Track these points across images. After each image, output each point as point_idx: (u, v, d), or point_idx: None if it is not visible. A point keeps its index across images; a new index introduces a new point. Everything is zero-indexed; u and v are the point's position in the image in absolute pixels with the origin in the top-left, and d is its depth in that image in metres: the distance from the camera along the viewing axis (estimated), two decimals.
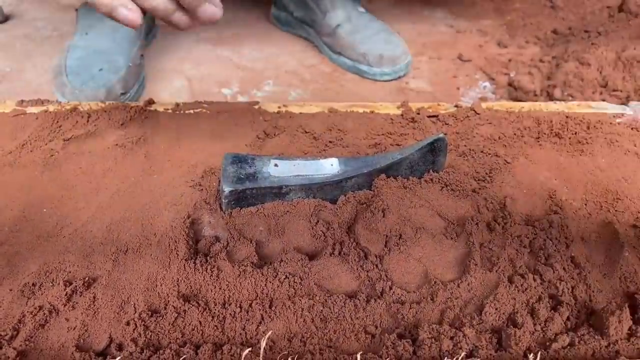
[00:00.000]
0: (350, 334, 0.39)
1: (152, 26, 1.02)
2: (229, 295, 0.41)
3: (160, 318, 0.39)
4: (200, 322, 0.39)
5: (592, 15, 1.01)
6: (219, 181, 0.48)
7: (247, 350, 0.37)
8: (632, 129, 0.64)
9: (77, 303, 0.40)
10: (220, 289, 0.41)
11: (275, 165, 0.49)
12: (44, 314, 0.39)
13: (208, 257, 0.43)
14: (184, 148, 0.58)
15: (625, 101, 0.80)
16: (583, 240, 0.47)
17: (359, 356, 0.36)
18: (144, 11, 0.46)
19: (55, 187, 0.52)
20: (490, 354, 0.37)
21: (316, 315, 0.40)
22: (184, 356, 0.35)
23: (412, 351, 0.38)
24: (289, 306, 0.40)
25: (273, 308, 0.40)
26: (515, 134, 0.61)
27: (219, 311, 0.40)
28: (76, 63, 0.82)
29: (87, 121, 0.61)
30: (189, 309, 0.39)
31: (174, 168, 0.55)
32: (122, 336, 0.38)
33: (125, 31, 0.88)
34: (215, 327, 0.39)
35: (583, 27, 0.98)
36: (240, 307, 0.40)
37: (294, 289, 0.42)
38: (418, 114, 0.63)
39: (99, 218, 0.48)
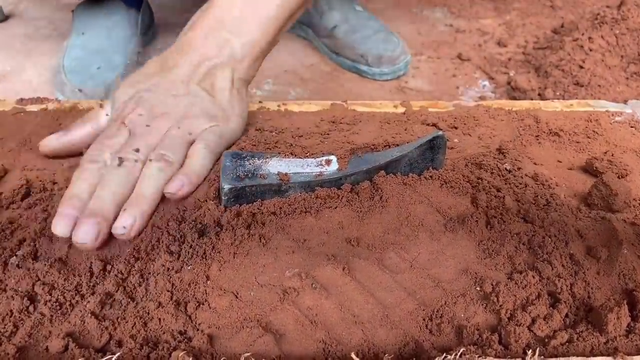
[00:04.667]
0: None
1: (150, 24, 1.02)
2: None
3: (160, 314, 0.39)
4: (199, 317, 0.39)
5: (591, 15, 1.01)
6: (219, 178, 0.48)
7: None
8: (630, 127, 0.64)
9: (77, 300, 0.40)
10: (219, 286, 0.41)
11: (275, 162, 0.49)
12: (44, 311, 0.39)
13: (208, 254, 0.44)
14: None
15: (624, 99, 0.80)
16: (582, 237, 0.47)
17: (353, 355, 0.36)
18: None
19: (55, 185, 0.52)
20: (489, 351, 0.37)
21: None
22: (183, 351, 0.35)
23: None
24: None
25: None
26: (514, 133, 0.61)
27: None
28: (74, 63, 0.83)
29: None
30: (188, 304, 0.40)
31: None
32: (121, 333, 0.38)
33: (120, 30, 0.88)
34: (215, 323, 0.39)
35: (580, 26, 0.98)
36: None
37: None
38: (417, 111, 0.63)
39: None
